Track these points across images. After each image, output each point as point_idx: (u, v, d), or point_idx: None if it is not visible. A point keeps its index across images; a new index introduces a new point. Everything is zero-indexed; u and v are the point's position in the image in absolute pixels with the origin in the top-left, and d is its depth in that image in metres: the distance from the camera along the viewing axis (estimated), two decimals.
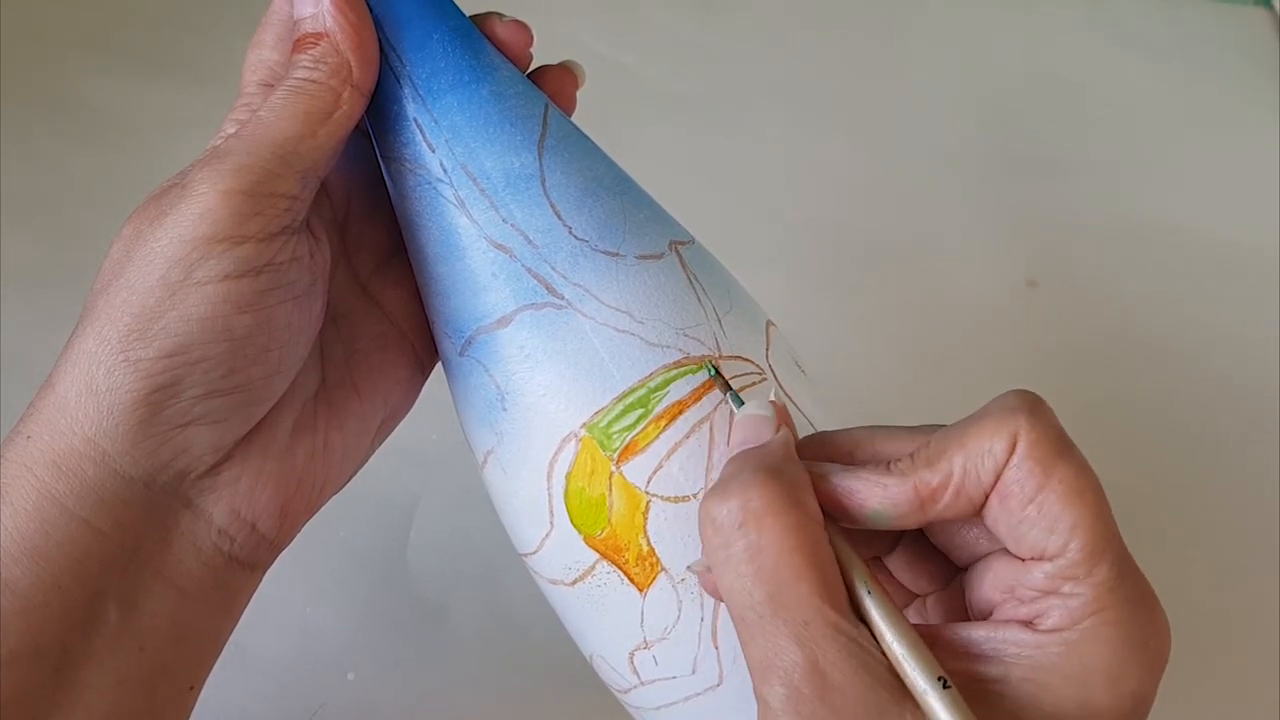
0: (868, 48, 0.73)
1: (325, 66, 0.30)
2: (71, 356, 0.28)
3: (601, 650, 0.32)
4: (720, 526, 0.24)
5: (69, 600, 0.28)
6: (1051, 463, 0.24)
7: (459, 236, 0.31)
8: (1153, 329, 0.60)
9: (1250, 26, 0.77)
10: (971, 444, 0.25)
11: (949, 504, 0.25)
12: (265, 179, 0.28)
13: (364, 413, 0.33)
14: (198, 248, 0.28)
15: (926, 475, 0.25)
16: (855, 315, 0.59)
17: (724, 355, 0.31)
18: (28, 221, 0.57)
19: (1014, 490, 0.25)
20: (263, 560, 0.32)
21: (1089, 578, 0.24)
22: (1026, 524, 0.25)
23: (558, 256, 0.31)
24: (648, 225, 0.32)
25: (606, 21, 0.72)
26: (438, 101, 0.31)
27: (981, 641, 0.25)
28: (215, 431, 0.29)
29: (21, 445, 0.28)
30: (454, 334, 0.32)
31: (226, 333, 0.28)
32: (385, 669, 0.44)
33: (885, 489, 0.26)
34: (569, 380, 0.30)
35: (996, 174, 0.67)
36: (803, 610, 0.24)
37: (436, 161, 0.31)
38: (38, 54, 0.64)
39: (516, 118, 0.32)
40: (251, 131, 0.29)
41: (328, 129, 0.30)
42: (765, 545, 0.24)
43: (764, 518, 0.24)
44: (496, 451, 0.32)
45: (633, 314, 0.31)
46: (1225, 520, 0.53)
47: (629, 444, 0.30)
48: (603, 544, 0.30)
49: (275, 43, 0.33)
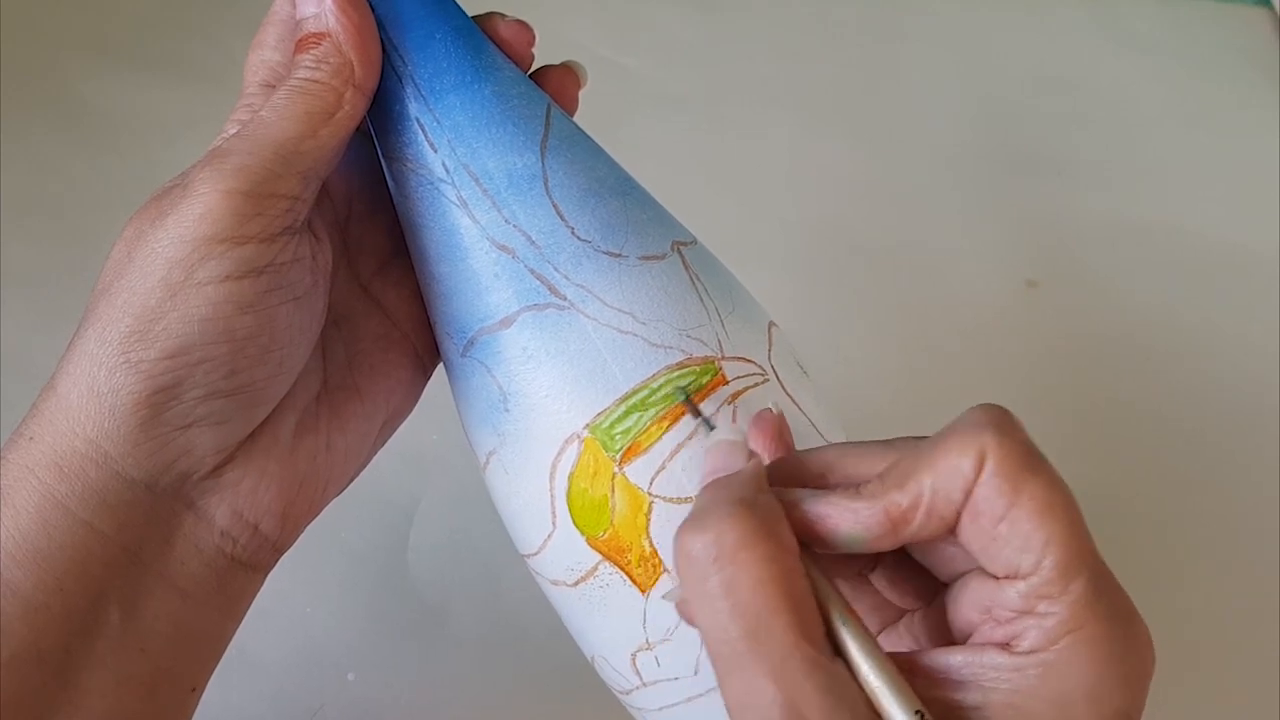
0: (869, 48, 0.73)
1: (328, 66, 0.30)
2: (73, 358, 0.28)
3: (603, 651, 0.32)
4: (695, 560, 0.24)
5: (71, 602, 0.27)
6: (1021, 479, 0.24)
7: (461, 237, 0.31)
8: (1153, 329, 0.60)
9: (1250, 26, 0.77)
10: (940, 463, 0.24)
11: (921, 525, 0.25)
12: (267, 179, 0.28)
13: (366, 413, 0.33)
14: (199, 248, 0.28)
15: (897, 497, 0.25)
16: (856, 316, 0.59)
17: (726, 356, 0.31)
18: (27, 222, 0.57)
19: (984, 508, 0.24)
20: (265, 562, 0.32)
21: (1064, 595, 0.24)
22: (999, 542, 0.24)
23: (560, 257, 0.31)
24: (650, 226, 0.32)
25: (608, 23, 0.72)
26: (440, 101, 0.31)
27: (960, 667, 0.24)
28: (217, 433, 0.29)
29: (23, 447, 0.28)
30: (456, 335, 0.32)
31: (228, 333, 0.28)
32: (385, 670, 0.44)
33: (856, 513, 0.25)
34: (571, 381, 0.30)
35: (997, 174, 0.67)
36: (779, 646, 0.23)
37: (439, 161, 0.31)
38: (38, 55, 0.64)
39: (519, 118, 0.31)
40: (253, 131, 0.29)
41: (330, 129, 0.30)
42: (740, 580, 0.23)
43: (738, 551, 0.23)
44: (499, 453, 0.32)
45: (635, 315, 0.31)
46: (1225, 520, 0.53)
47: (631, 445, 0.30)
48: (605, 545, 0.30)
49: (277, 43, 0.32)
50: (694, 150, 0.65)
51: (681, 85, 0.69)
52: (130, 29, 0.66)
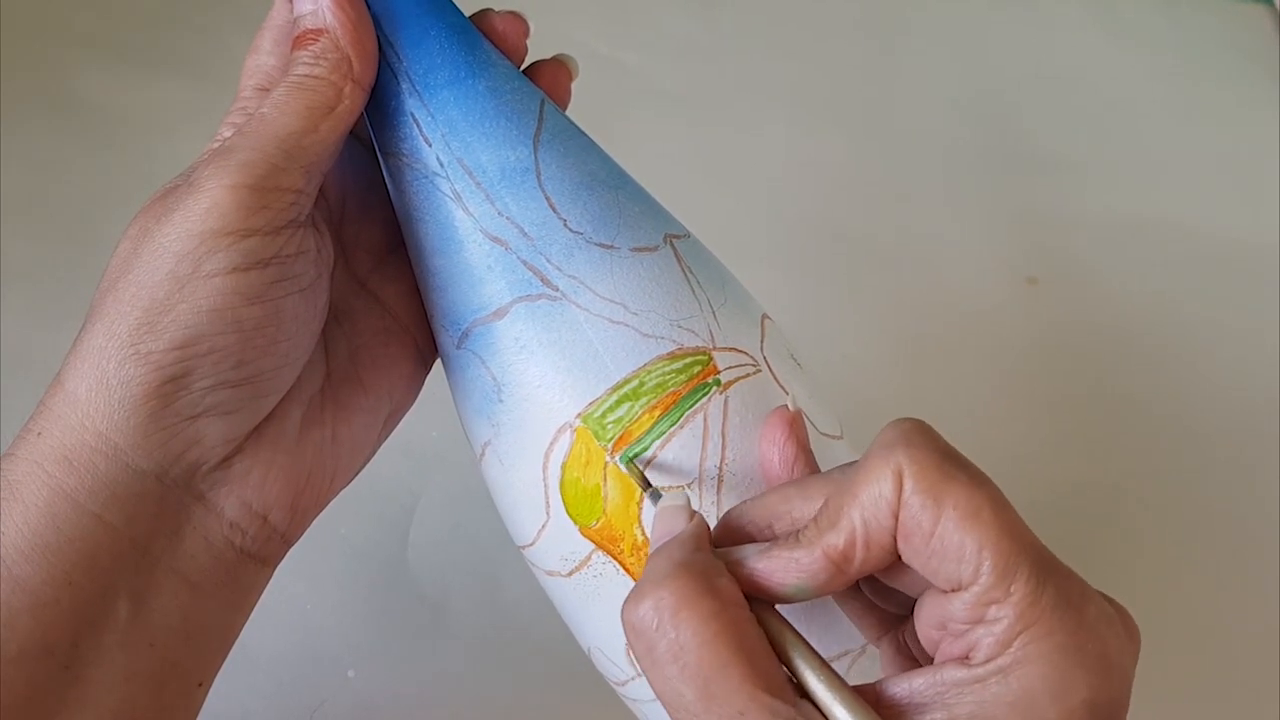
0: (866, 44, 0.73)
1: (326, 62, 0.30)
2: (80, 352, 0.28)
3: (599, 642, 0.33)
4: (641, 631, 0.23)
5: (80, 596, 0.28)
6: (941, 489, 0.24)
7: (455, 229, 0.31)
8: (1152, 326, 0.60)
9: (1250, 22, 0.77)
10: (862, 492, 0.24)
11: (864, 559, 0.25)
12: (270, 173, 0.29)
13: (370, 405, 0.34)
14: (205, 241, 0.28)
15: (831, 539, 0.25)
16: (854, 312, 0.59)
17: (718, 346, 0.31)
18: (26, 218, 0.57)
19: (912, 528, 0.24)
20: (274, 554, 0.32)
21: (1008, 598, 0.23)
22: (935, 558, 0.24)
23: (552, 249, 0.31)
24: (642, 218, 0.32)
25: (605, 19, 0.72)
26: (434, 96, 0.31)
27: (924, 689, 0.24)
28: (226, 423, 0.29)
29: (32, 442, 0.28)
30: (451, 327, 0.32)
31: (236, 324, 0.28)
32: (385, 667, 0.44)
33: (798, 563, 0.25)
34: (563, 371, 0.30)
35: (995, 171, 0.67)
36: (735, 700, 0.23)
37: (433, 155, 0.31)
38: (37, 52, 0.64)
39: (512, 112, 0.32)
40: (255, 128, 0.30)
41: (330, 123, 0.30)
42: (685, 640, 0.23)
43: (678, 612, 0.23)
44: (494, 443, 0.32)
45: (627, 305, 0.31)
46: (1224, 518, 0.53)
47: (623, 434, 0.30)
48: (598, 534, 0.31)
49: (272, 48, 0.33)
50: (691, 146, 0.65)
51: (678, 81, 0.69)
52: (129, 25, 0.67)
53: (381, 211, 0.35)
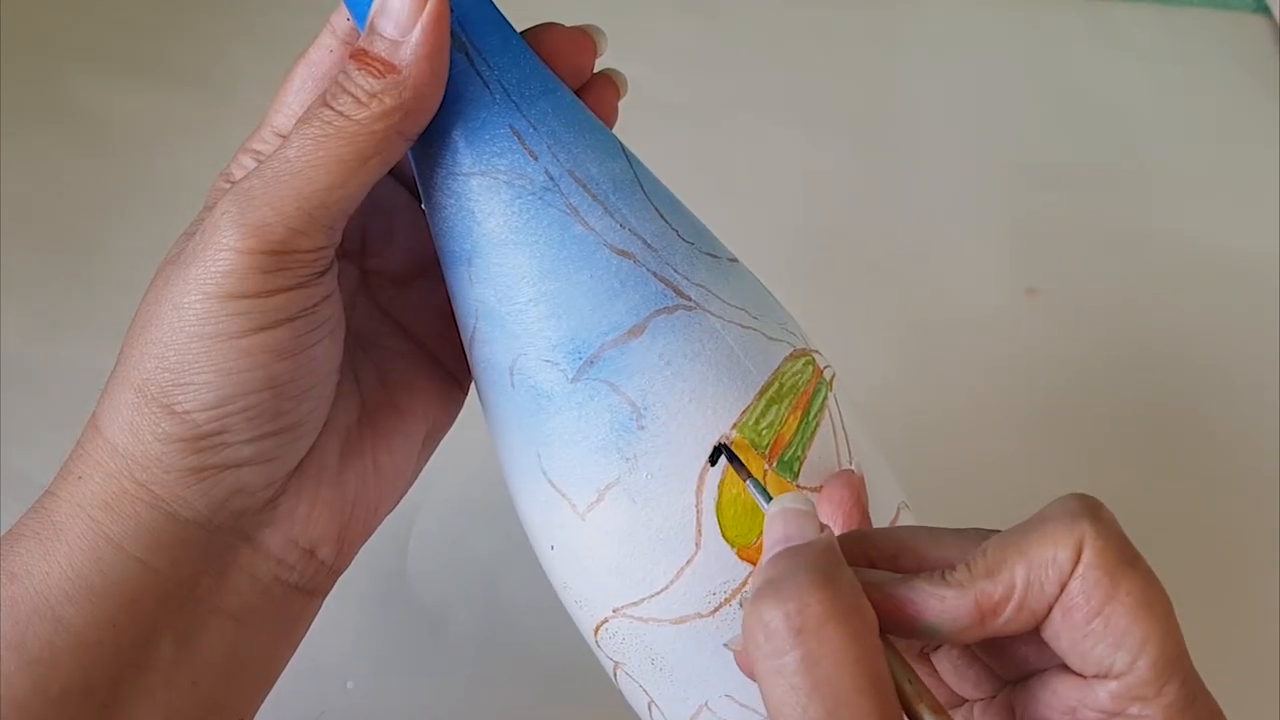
0: (867, 56, 0.73)
1: (379, 106, 0.26)
2: (115, 403, 0.28)
3: (733, 688, 0.30)
4: (773, 632, 0.22)
5: (123, 638, 0.27)
6: (1119, 573, 0.23)
7: (576, 247, 0.28)
8: (1152, 337, 0.60)
9: (1249, 34, 0.77)
10: (1035, 552, 0.23)
11: (1011, 618, 0.23)
12: (289, 237, 0.27)
13: (407, 430, 0.33)
14: (226, 304, 0.27)
15: (987, 587, 0.23)
16: (855, 322, 0.59)
17: (810, 348, 0.31)
18: (26, 227, 0.57)
19: (1079, 602, 0.23)
20: (323, 586, 0.32)
21: (1158, 698, 0.22)
22: (1092, 638, 0.23)
23: (676, 258, 0.29)
24: (709, 230, 0.31)
25: (609, 31, 0.72)
26: (533, 107, 0.29)
27: None
28: (266, 470, 0.29)
29: (74, 485, 0.28)
30: (567, 358, 0.29)
31: (269, 380, 0.28)
32: (384, 678, 0.44)
33: (943, 601, 0.23)
34: (713, 382, 0.29)
35: (996, 182, 0.67)
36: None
37: (540, 170, 0.28)
38: (35, 61, 0.64)
39: (597, 123, 0.30)
40: (276, 176, 0.27)
41: (361, 178, 0.27)
42: (824, 656, 0.22)
43: (824, 625, 0.22)
44: (624, 481, 0.29)
45: (748, 310, 0.30)
46: (1227, 528, 0.53)
47: (776, 439, 0.29)
48: (757, 553, 0.29)
49: (301, 85, 0.30)
50: (694, 158, 0.65)
51: (682, 93, 0.69)
52: (127, 35, 0.67)
53: (403, 239, 0.34)
